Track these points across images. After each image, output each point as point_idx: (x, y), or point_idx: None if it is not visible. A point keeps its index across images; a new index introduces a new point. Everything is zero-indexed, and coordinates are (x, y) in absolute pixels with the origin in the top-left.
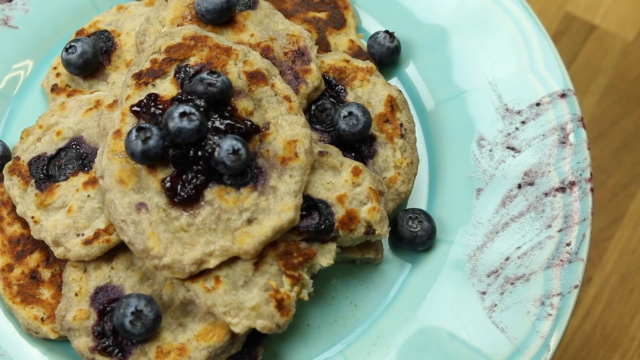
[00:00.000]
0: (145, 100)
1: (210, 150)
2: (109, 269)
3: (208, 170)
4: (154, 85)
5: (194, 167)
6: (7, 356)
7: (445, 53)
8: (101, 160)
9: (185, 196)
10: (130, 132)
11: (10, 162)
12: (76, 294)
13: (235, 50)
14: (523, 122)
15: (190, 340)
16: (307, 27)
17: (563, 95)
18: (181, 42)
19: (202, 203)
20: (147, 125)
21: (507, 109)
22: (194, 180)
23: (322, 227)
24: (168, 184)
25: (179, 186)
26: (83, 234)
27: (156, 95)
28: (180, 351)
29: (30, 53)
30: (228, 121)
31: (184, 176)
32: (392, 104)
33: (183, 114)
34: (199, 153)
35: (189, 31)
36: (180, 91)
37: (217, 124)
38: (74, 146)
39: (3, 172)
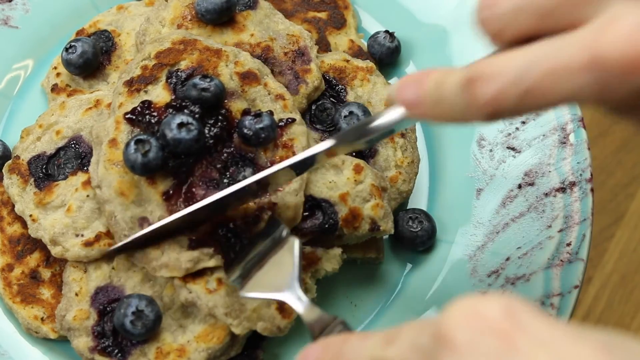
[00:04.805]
0: (139, 108)
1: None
2: (109, 269)
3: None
4: (146, 91)
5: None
6: (7, 356)
7: (445, 53)
8: (97, 170)
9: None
10: (128, 145)
11: (10, 161)
12: (76, 294)
13: (225, 51)
14: (523, 122)
15: (190, 342)
16: (307, 27)
17: None
18: (170, 47)
19: None
20: (145, 137)
21: None
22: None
23: (326, 226)
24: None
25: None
26: (82, 235)
27: (150, 102)
28: (180, 352)
29: (30, 53)
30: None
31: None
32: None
33: (181, 125)
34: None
35: (178, 35)
36: (173, 97)
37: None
38: (73, 145)
39: (3, 171)
